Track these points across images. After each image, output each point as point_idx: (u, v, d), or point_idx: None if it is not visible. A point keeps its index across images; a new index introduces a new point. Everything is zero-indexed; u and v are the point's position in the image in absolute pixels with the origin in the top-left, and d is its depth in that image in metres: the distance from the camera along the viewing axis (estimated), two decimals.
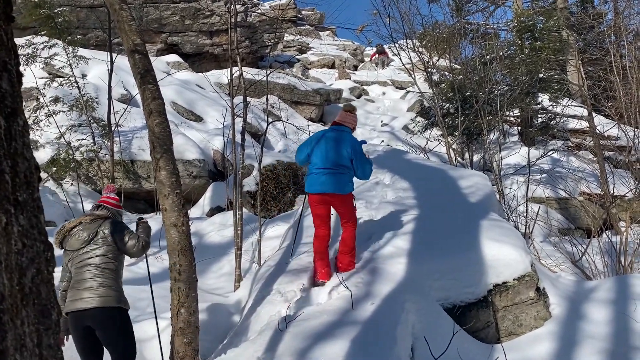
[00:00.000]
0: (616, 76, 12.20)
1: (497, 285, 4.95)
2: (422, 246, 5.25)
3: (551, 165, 11.24)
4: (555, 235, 8.98)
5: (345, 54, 25.88)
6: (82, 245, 3.91)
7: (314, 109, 17.10)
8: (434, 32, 15.15)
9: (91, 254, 3.87)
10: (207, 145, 11.27)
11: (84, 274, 3.81)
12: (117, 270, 3.98)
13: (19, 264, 0.87)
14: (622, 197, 9.59)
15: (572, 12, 19.55)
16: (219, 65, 17.87)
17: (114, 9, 4.47)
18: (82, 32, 15.02)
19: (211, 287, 6.69)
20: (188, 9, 17.28)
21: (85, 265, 3.84)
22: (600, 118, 13.12)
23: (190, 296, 3.91)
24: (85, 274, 3.81)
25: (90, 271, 3.81)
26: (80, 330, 3.77)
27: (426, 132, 14.31)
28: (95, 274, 3.80)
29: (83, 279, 3.79)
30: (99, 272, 3.82)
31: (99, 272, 3.81)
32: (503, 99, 11.07)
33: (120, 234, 4.00)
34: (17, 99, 0.94)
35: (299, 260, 5.43)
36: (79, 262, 3.87)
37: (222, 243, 7.99)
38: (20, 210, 0.89)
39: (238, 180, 7.33)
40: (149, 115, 4.14)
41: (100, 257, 3.87)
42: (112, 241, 3.96)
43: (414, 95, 17.81)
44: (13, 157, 0.89)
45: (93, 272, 3.81)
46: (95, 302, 3.70)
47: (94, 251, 3.88)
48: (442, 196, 6.77)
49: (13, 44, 0.97)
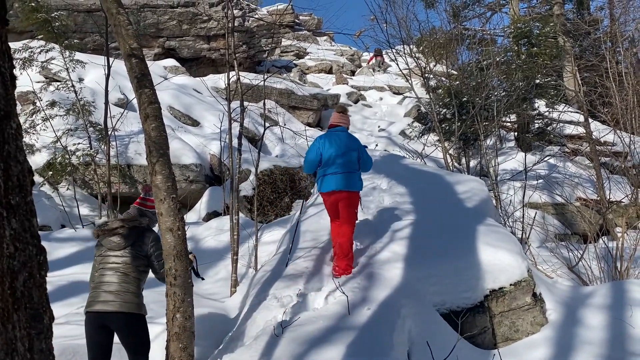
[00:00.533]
0: (612, 82, 12.27)
1: (493, 290, 4.95)
2: (418, 251, 5.25)
3: (548, 171, 11.26)
4: (551, 241, 8.98)
5: (343, 59, 25.94)
6: (117, 249, 4.03)
7: (311, 113, 17.12)
8: (431, 38, 15.20)
9: (122, 260, 4.00)
10: (204, 149, 11.27)
11: (111, 277, 3.94)
12: (142, 280, 4.11)
13: (10, 268, 0.86)
14: (618, 202, 9.61)
15: (568, 18, 19.66)
16: (216, 70, 17.89)
17: (110, 13, 4.47)
18: (79, 36, 15.02)
19: (207, 292, 6.67)
20: (185, 13, 17.30)
21: (114, 269, 3.97)
22: (596, 124, 13.17)
23: (185, 301, 3.89)
24: (112, 278, 3.94)
25: (117, 276, 3.94)
26: (97, 330, 3.90)
27: (423, 138, 14.33)
28: (122, 280, 3.94)
29: (109, 282, 3.92)
30: (126, 278, 3.96)
31: (125, 278, 3.95)
32: (500, 104, 11.10)
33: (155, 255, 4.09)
34: (10, 102, 0.93)
35: (296, 266, 5.43)
36: (109, 264, 3.99)
37: (218, 248, 7.97)
38: (13, 214, 0.88)
39: (235, 185, 7.32)
40: (145, 120, 4.13)
41: (130, 266, 4.00)
42: (145, 255, 4.08)
43: (411, 101, 17.84)
44: (6, 160, 0.88)
45: (120, 277, 3.94)
46: (118, 307, 3.85)
47: (125, 258, 4.01)
48: (439, 201, 6.78)
49: (7, 47, 0.96)
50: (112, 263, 3.98)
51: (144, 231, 4.19)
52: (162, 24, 17.10)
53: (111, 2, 4.47)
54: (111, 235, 4.07)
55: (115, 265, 3.97)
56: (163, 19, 17.05)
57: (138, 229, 4.16)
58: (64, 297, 5.67)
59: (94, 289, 3.95)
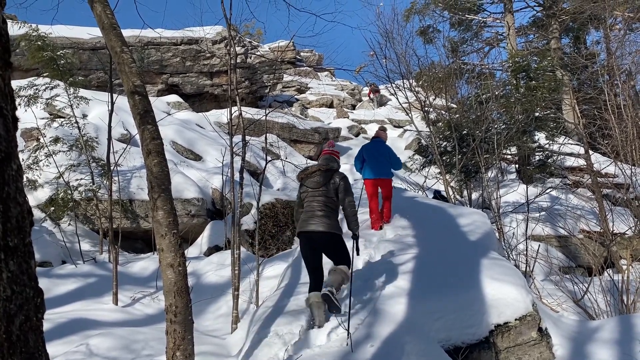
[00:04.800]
0: (611, 115, 12.36)
1: (498, 325, 4.87)
2: (422, 285, 5.19)
3: (550, 203, 11.23)
4: (556, 274, 8.89)
5: (343, 94, 26.25)
6: (318, 187, 5.24)
7: (312, 147, 17.22)
8: (430, 72, 15.41)
9: (321, 194, 5.21)
10: (205, 183, 11.29)
11: (315, 207, 5.15)
12: (336, 209, 5.30)
13: (7, 311, 0.85)
14: (622, 234, 9.54)
15: (565, 52, 19.97)
16: (218, 105, 18.10)
17: (115, 51, 4.55)
18: (84, 73, 15.26)
19: (208, 328, 6.57)
20: (189, 50, 17.62)
21: (317, 202, 5.18)
22: (596, 156, 13.20)
23: (186, 339, 3.84)
24: (316, 208, 5.15)
25: (319, 206, 5.14)
26: (310, 244, 5.12)
27: (424, 170, 14.36)
28: (323, 209, 5.13)
29: (314, 211, 5.14)
30: (326, 208, 5.15)
31: (325, 208, 5.14)
32: (500, 137, 11.17)
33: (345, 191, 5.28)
34: (11, 143, 0.94)
35: (297, 301, 5.36)
36: (313, 198, 5.21)
37: (219, 283, 7.89)
38: (11, 256, 0.88)
39: (236, 219, 7.30)
40: (148, 155, 4.16)
41: (328, 198, 5.20)
42: (336, 189, 5.25)
43: (412, 134, 17.97)
44: (5, 201, 0.88)
45: (322, 207, 5.14)
46: (323, 228, 5.04)
47: (325, 193, 5.21)
48: (442, 234, 6.75)
49: (10, 89, 0.97)
50: (316, 197, 5.20)
51: (333, 173, 5.36)
52: (166, 60, 17.39)
53: (115, 40, 4.56)
54: (312, 177, 5.32)
55: (317, 198, 5.18)
56: (167, 56, 17.35)
57: (330, 172, 5.35)
58: (63, 335, 5.58)
59: (304, 215, 5.18)
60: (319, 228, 5.03)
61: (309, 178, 5.35)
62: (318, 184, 5.24)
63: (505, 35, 19.22)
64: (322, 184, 5.23)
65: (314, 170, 5.36)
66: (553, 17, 19.07)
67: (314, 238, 5.08)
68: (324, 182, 5.24)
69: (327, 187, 5.22)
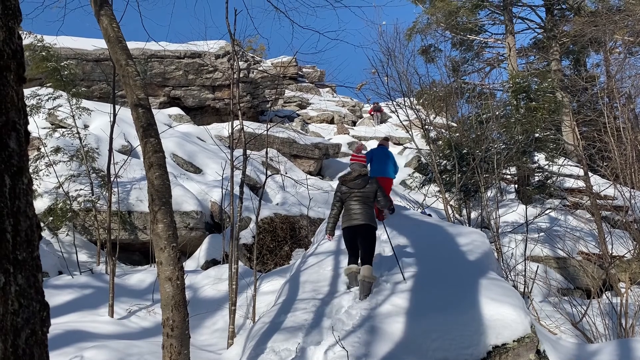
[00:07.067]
0: (610, 137, 12.42)
1: (496, 346, 4.83)
2: (420, 304, 5.17)
3: (549, 224, 11.23)
4: (554, 296, 8.86)
5: (344, 110, 26.36)
6: (360, 188, 6.34)
7: (312, 162, 17.25)
8: (431, 91, 15.50)
9: (362, 194, 6.32)
10: (205, 197, 11.29)
11: (356, 205, 6.26)
12: (372, 205, 6.42)
13: (14, 325, 0.85)
14: (621, 257, 9.53)
15: (565, 74, 20.13)
16: (220, 119, 18.15)
17: (120, 64, 4.59)
18: (86, 84, 15.35)
19: (204, 343, 6.52)
20: (192, 64, 17.73)
21: (358, 201, 6.28)
22: (596, 178, 13.24)
23: (182, 354, 3.82)
24: (358, 205, 6.26)
25: (359, 204, 6.25)
26: (352, 236, 6.22)
27: (424, 188, 14.37)
28: (363, 206, 6.25)
29: (355, 208, 6.26)
30: (365, 205, 6.27)
31: (365, 205, 6.27)
32: (499, 157, 11.20)
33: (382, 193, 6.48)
34: (23, 157, 0.95)
35: (295, 317, 5.33)
36: (354, 198, 6.31)
37: (216, 297, 7.85)
38: (20, 270, 0.88)
39: (235, 233, 7.29)
40: (150, 168, 4.17)
41: (366, 197, 6.32)
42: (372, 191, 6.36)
43: (412, 152, 18.01)
44: (15, 215, 0.89)
45: (361, 204, 6.25)
46: (363, 221, 6.15)
47: (365, 194, 6.32)
48: (440, 253, 6.73)
49: (23, 104, 0.99)
50: (357, 197, 6.31)
51: (366, 175, 6.53)
52: (169, 73, 17.49)
53: (120, 53, 4.60)
54: (354, 180, 6.41)
55: (358, 198, 6.29)
56: (170, 69, 17.46)
57: (366, 176, 6.52)
58: (58, 346, 5.53)
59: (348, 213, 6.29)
60: (361, 222, 6.17)
61: (352, 181, 6.50)
62: (360, 185, 6.39)
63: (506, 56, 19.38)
64: (362, 185, 6.38)
65: (356, 176, 6.50)
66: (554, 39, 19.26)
67: (357, 230, 6.21)
68: (363, 185, 6.39)
69: (365, 188, 6.36)
